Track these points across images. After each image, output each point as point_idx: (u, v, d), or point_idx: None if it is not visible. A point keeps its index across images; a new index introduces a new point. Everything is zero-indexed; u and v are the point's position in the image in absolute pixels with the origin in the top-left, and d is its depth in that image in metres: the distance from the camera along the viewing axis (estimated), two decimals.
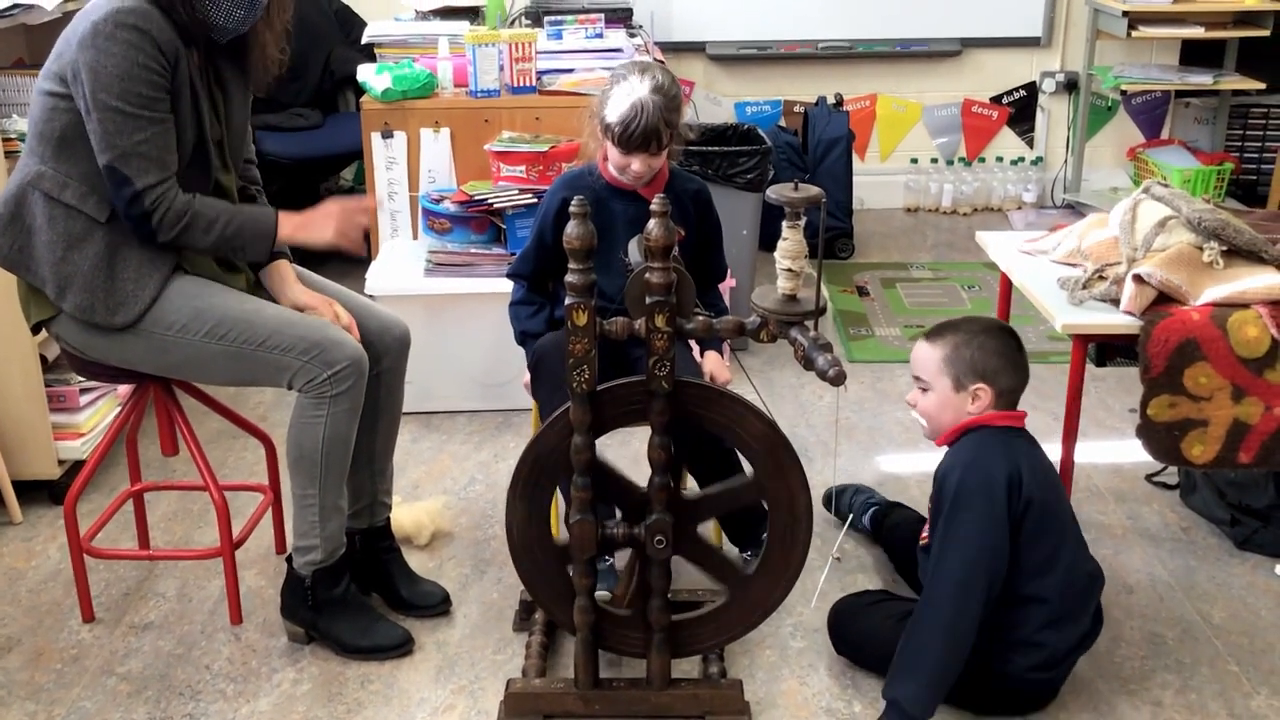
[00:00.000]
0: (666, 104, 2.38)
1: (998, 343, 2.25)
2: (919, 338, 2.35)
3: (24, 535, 2.87)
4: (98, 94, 2.10)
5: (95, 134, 2.14)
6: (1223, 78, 4.97)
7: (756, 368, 3.70)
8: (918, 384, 2.31)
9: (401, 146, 3.66)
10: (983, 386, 2.22)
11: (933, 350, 2.28)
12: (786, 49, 5.16)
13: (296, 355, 2.24)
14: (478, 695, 2.32)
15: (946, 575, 2.13)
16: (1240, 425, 2.31)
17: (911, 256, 4.81)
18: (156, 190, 2.16)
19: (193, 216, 2.21)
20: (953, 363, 2.24)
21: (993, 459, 2.17)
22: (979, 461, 2.17)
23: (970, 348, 2.23)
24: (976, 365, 2.23)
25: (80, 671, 2.40)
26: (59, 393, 2.97)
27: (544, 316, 2.59)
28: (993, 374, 2.22)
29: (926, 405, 2.30)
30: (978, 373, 2.22)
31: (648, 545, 2.08)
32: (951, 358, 2.24)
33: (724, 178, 3.69)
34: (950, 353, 2.25)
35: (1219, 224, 2.36)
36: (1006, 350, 2.25)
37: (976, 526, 2.13)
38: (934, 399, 2.28)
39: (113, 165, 2.14)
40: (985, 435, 2.22)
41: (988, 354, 2.23)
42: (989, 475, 2.15)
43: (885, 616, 2.31)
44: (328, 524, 2.36)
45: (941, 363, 2.25)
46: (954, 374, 2.24)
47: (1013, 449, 2.20)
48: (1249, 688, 2.34)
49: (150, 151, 2.15)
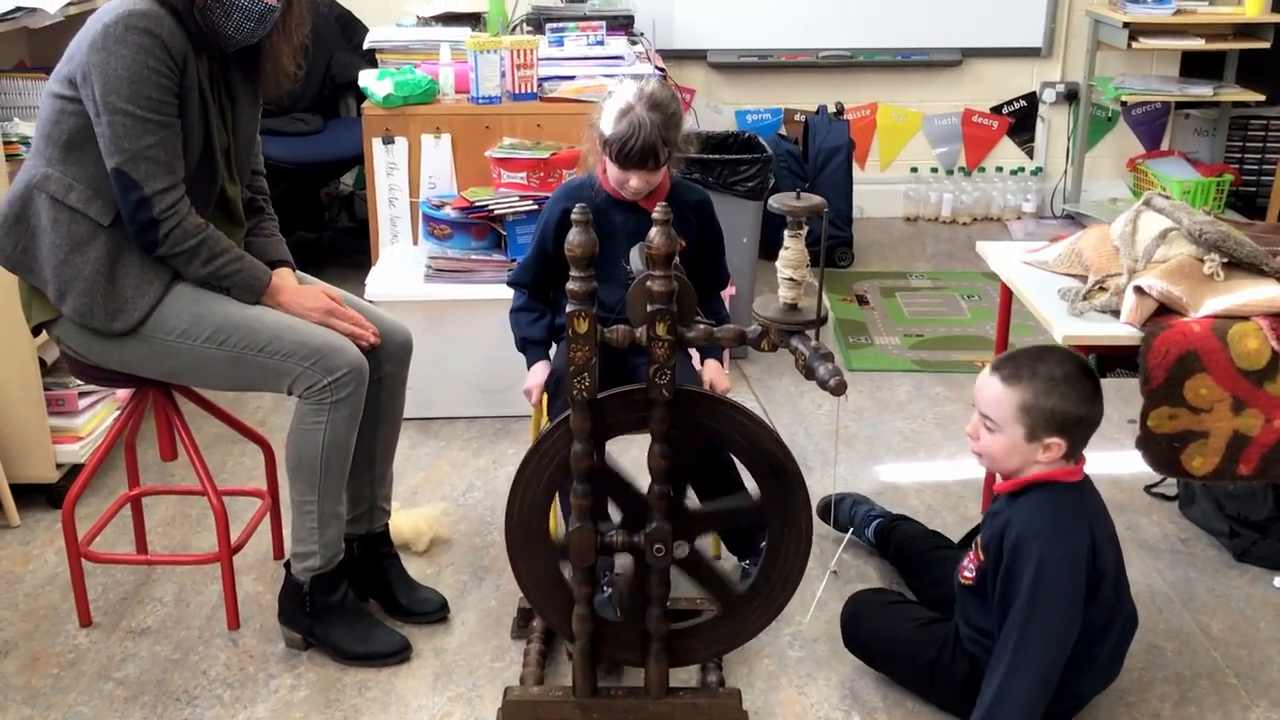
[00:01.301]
0: (664, 121, 2.37)
1: (1078, 391, 2.08)
2: (988, 369, 2.17)
3: (21, 539, 2.86)
4: (107, 96, 2.10)
5: (104, 137, 2.14)
6: (1223, 89, 4.98)
7: (755, 376, 3.70)
8: (983, 421, 2.15)
9: (403, 152, 3.66)
10: (1059, 441, 2.08)
11: (1008, 393, 2.10)
12: (787, 57, 5.16)
13: (297, 361, 2.24)
14: (475, 703, 2.32)
15: (1032, 665, 2.03)
16: (1240, 437, 2.31)
17: (911, 266, 4.81)
18: (166, 198, 2.16)
19: (201, 242, 2.22)
20: (1031, 413, 2.07)
21: (1072, 532, 2.06)
22: (1060, 535, 2.06)
23: (1052, 398, 2.06)
24: (1056, 418, 2.06)
25: (77, 676, 2.39)
26: (58, 396, 2.97)
27: (545, 323, 2.59)
28: (1072, 427, 2.07)
29: (990, 446, 2.14)
30: (1057, 426, 2.06)
31: (647, 553, 2.08)
32: (1030, 407, 2.07)
33: (724, 186, 3.69)
34: (1030, 400, 2.07)
35: (1220, 236, 2.36)
36: (1086, 398, 2.08)
37: (1060, 614, 2.03)
38: (1001, 442, 2.12)
39: (121, 169, 2.13)
40: (1060, 496, 2.10)
41: (1069, 405, 2.06)
42: (1072, 553, 2.05)
43: (904, 620, 2.29)
44: (326, 530, 2.36)
45: (1019, 410, 2.08)
46: (1030, 425, 2.08)
47: (1086, 513, 2.10)
48: (1247, 700, 2.33)
49: (159, 156, 2.15)
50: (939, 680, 2.25)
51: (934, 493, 3.07)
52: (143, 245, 2.21)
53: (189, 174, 2.22)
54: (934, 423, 3.46)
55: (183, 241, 2.20)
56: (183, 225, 2.19)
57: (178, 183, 2.18)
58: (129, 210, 2.16)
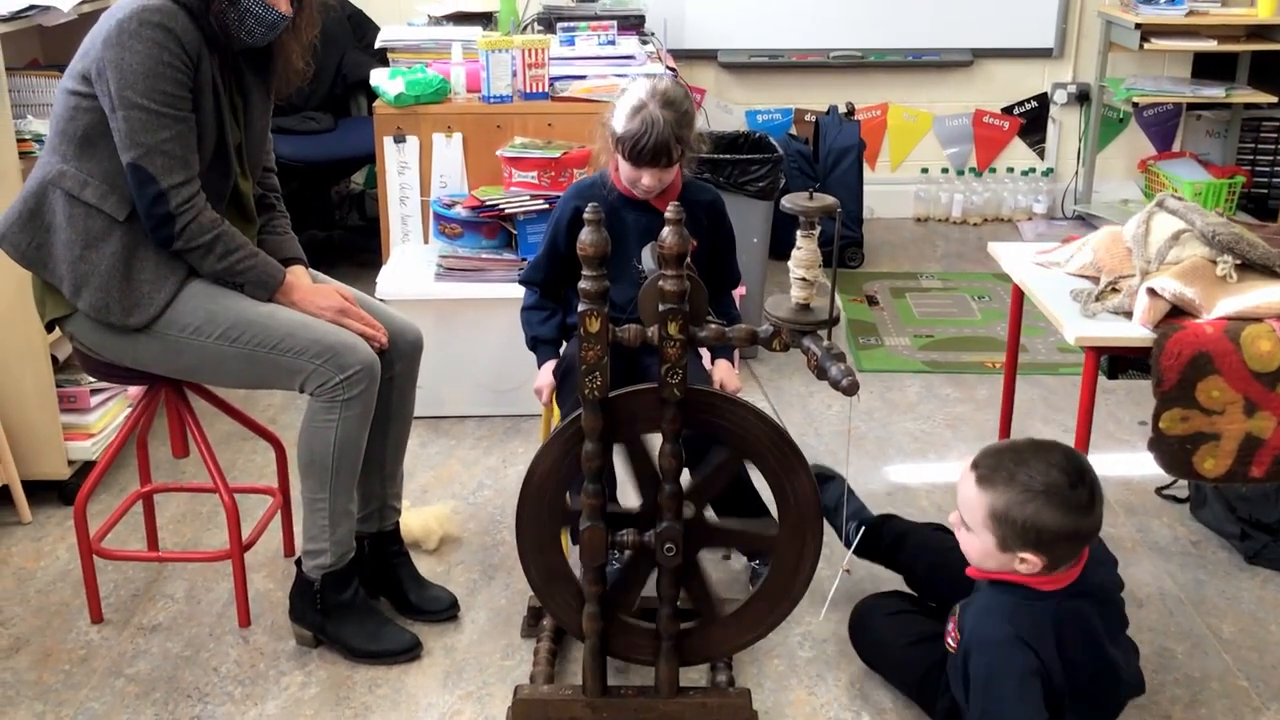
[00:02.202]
0: (677, 119, 2.36)
1: (1063, 503, 1.89)
2: (969, 465, 2.00)
3: (33, 535, 2.87)
4: (123, 91, 2.11)
5: (120, 132, 2.14)
6: (1235, 91, 4.97)
7: (765, 376, 3.70)
8: (961, 516, 2.02)
9: (414, 151, 3.66)
10: (1032, 557, 1.92)
11: (980, 496, 1.95)
12: (798, 58, 5.16)
13: (310, 359, 2.24)
14: (485, 701, 2.32)
15: None
16: (1252, 439, 2.30)
17: (921, 266, 4.81)
18: (182, 192, 2.17)
19: (217, 237, 2.23)
20: (1002, 523, 1.92)
21: (1020, 648, 1.92)
22: (1009, 649, 1.93)
23: (1026, 510, 1.89)
24: (1029, 534, 1.90)
25: (88, 672, 2.40)
26: (70, 393, 2.98)
27: (556, 322, 2.59)
28: (1048, 544, 1.90)
29: (967, 546, 2.02)
30: (1030, 542, 1.91)
31: (657, 553, 2.08)
32: (1001, 517, 1.91)
33: (735, 186, 3.69)
34: (1001, 510, 1.91)
35: (1233, 238, 2.36)
36: (1072, 509, 1.90)
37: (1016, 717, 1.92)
38: (976, 545, 1.99)
39: (137, 163, 2.14)
40: (1020, 605, 1.96)
41: (1045, 519, 1.89)
42: (1021, 668, 1.92)
43: (901, 632, 2.28)
44: (338, 528, 2.36)
45: (988, 517, 1.93)
46: (1001, 535, 1.93)
47: (1049, 627, 1.95)
48: (1259, 703, 2.33)
49: (174, 150, 2.15)
50: (929, 696, 2.23)
51: (944, 494, 3.06)
52: (158, 240, 2.21)
53: (203, 169, 2.22)
54: (944, 424, 3.46)
55: (198, 236, 2.20)
56: (199, 220, 2.19)
57: (193, 177, 2.19)
58: (145, 205, 2.17)
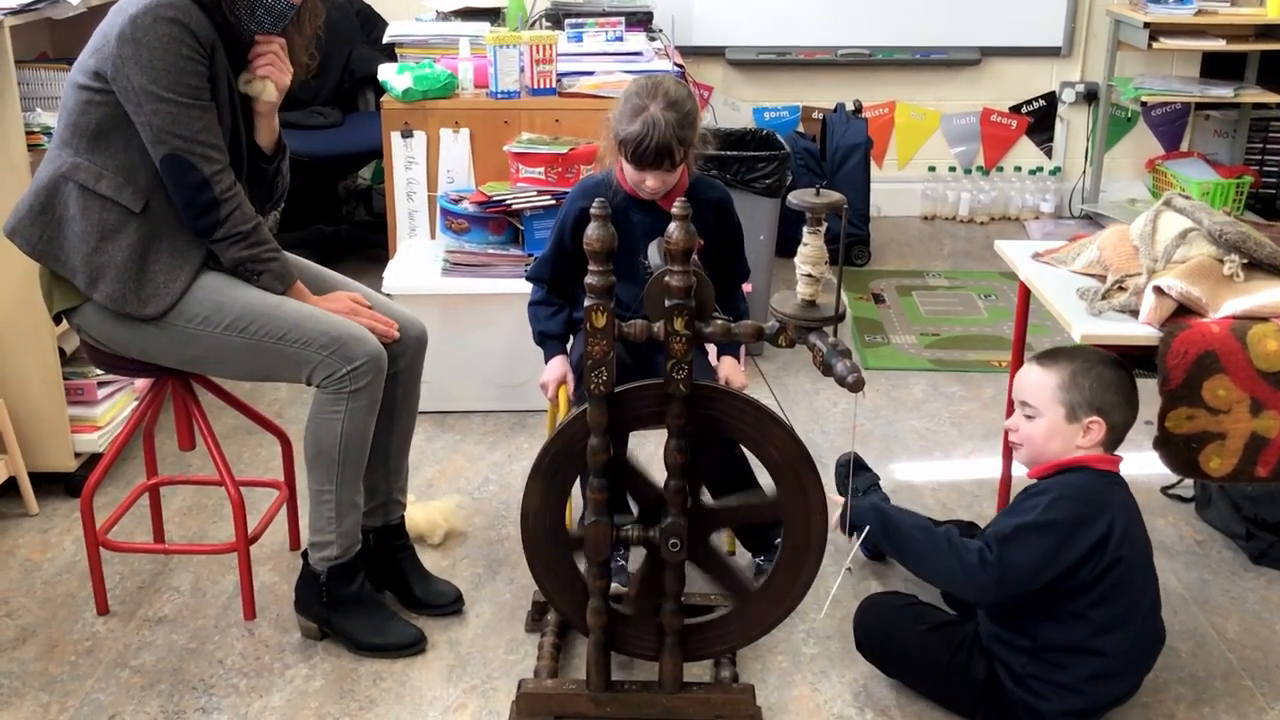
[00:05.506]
0: (680, 120, 2.35)
1: (1115, 375, 2.16)
2: (1029, 361, 2.26)
3: (40, 527, 2.88)
4: (149, 88, 2.13)
5: (149, 127, 2.16)
6: (1243, 90, 4.96)
7: (771, 373, 3.70)
8: (1023, 409, 2.21)
9: (421, 146, 3.67)
10: (1098, 420, 2.14)
11: (1046, 375, 2.18)
12: (806, 55, 5.16)
13: (316, 350, 2.25)
14: (489, 695, 2.33)
15: (976, 564, 2.09)
16: (1258, 439, 2.30)
17: (928, 264, 4.81)
18: (224, 180, 2.20)
19: (256, 225, 2.26)
20: (1069, 390, 2.14)
21: (1094, 506, 2.10)
22: (1081, 501, 2.10)
23: (1089, 377, 2.14)
24: (1094, 397, 2.13)
25: (94, 664, 2.40)
26: (77, 385, 2.99)
27: (563, 318, 2.60)
28: (1109, 408, 2.14)
29: (1032, 432, 2.19)
30: (1094, 405, 2.13)
31: (662, 548, 2.08)
32: (1068, 385, 2.15)
33: (742, 183, 3.70)
34: (1067, 380, 2.15)
35: (1240, 237, 2.35)
36: (1123, 384, 2.16)
37: (1033, 560, 2.07)
38: (1042, 427, 2.17)
39: (176, 155, 2.16)
40: (1089, 477, 2.14)
41: (1105, 386, 2.14)
42: (1081, 517, 2.08)
43: (918, 623, 2.28)
44: (344, 520, 2.37)
45: (1056, 389, 2.15)
46: (1069, 403, 2.14)
47: (1113, 500, 2.13)
48: (1263, 703, 2.33)
49: (209, 139, 2.19)
50: (954, 681, 2.23)
51: (949, 492, 3.06)
52: (200, 229, 2.22)
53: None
54: (949, 422, 3.46)
55: (240, 224, 2.23)
56: (242, 208, 2.23)
57: (228, 165, 2.22)
58: (187, 194, 2.18)
